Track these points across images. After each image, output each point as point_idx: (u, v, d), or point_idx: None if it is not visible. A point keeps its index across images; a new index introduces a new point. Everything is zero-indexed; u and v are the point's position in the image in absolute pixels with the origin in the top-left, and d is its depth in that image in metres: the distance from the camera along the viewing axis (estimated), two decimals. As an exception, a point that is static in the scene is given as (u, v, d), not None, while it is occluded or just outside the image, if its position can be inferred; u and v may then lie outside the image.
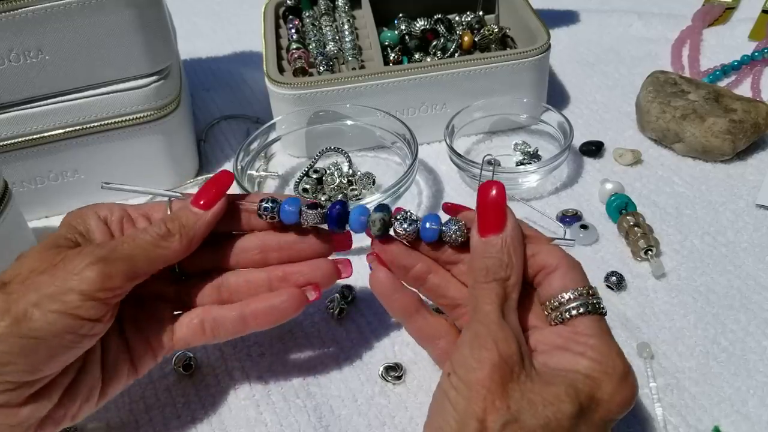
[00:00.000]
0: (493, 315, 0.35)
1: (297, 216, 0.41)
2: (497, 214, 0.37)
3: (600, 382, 0.34)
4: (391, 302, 0.40)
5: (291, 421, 0.45)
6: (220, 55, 0.82)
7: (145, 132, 0.59)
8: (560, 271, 0.37)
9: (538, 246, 0.38)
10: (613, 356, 0.35)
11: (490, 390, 0.33)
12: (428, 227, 0.39)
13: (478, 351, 0.34)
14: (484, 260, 0.37)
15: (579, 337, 0.35)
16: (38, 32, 0.51)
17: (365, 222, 0.40)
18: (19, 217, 0.53)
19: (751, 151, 0.62)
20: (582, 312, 0.36)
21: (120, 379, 0.41)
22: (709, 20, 0.79)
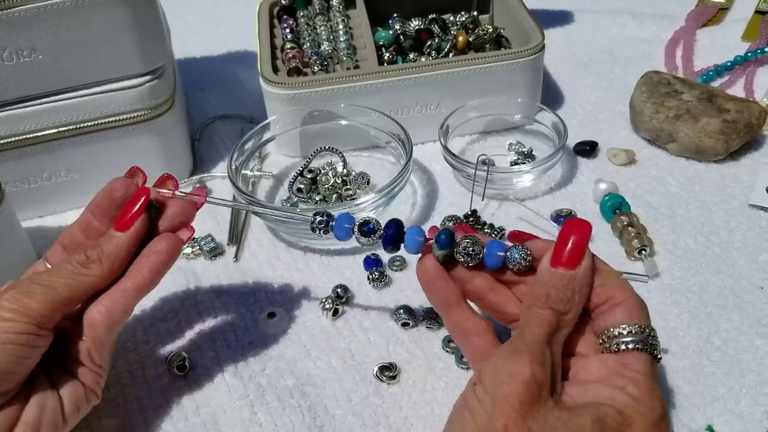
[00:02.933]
0: (538, 337, 0.34)
1: (350, 235, 0.41)
2: (576, 253, 0.37)
3: (632, 421, 0.33)
4: (434, 291, 0.39)
5: (285, 421, 0.45)
6: (214, 55, 0.82)
7: (139, 132, 0.59)
8: (626, 305, 0.36)
9: (609, 279, 0.37)
10: (653, 397, 0.34)
11: (515, 408, 0.32)
12: (494, 254, 0.39)
13: (511, 365, 0.33)
14: (547, 288, 0.36)
15: (626, 371, 0.34)
16: (31, 31, 0.51)
17: (419, 246, 0.40)
18: (12, 217, 0.52)
19: (744, 151, 0.62)
20: (637, 348, 0.35)
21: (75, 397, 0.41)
22: (702, 20, 0.79)
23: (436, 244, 0.39)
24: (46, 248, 0.58)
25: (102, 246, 0.41)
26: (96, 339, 0.41)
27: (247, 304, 0.52)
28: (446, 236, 0.39)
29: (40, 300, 0.38)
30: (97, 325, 0.40)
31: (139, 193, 0.42)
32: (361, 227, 0.41)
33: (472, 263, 0.39)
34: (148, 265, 0.41)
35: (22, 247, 0.54)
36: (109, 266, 0.41)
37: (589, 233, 0.37)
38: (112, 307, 0.41)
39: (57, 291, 0.39)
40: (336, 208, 0.54)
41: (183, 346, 0.50)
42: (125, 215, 0.41)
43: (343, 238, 0.42)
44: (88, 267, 0.40)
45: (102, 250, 0.41)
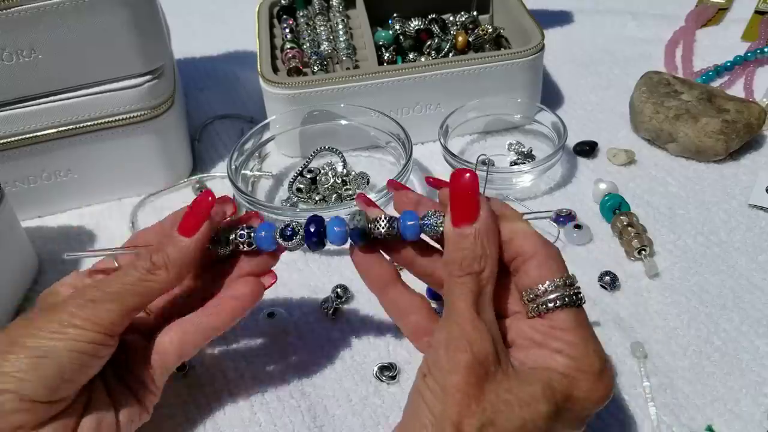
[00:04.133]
0: (467, 313, 0.34)
1: (273, 244, 0.41)
2: (470, 204, 0.36)
3: (576, 380, 0.34)
4: (368, 272, 0.39)
5: (285, 422, 0.45)
6: (214, 55, 0.82)
7: (138, 132, 0.59)
8: (537, 259, 0.35)
9: (514, 229, 0.36)
10: (590, 353, 0.34)
11: (466, 393, 0.32)
12: (409, 225, 0.38)
13: (453, 353, 0.33)
14: (457, 252, 0.35)
15: (556, 332, 0.35)
16: (31, 31, 0.51)
17: (343, 234, 0.39)
18: (11, 216, 0.52)
19: (743, 151, 0.62)
20: (559, 305, 0.35)
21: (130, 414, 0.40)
22: (702, 21, 0.79)
23: (352, 241, 0.39)
24: (46, 248, 0.58)
25: (167, 251, 0.40)
26: (163, 366, 0.41)
27: (246, 304, 0.52)
28: (358, 234, 0.39)
29: (110, 308, 0.37)
30: (167, 354, 0.40)
31: (204, 196, 0.41)
32: (282, 232, 0.41)
33: (390, 231, 0.38)
34: (229, 310, 0.41)
35: (21, 247, 0.54)
36: (176, 273, 0.40)
37: (476, 180, 0.36)
38: (185, 340, 0.41)
39: (125, 299, 0.38)
40: (336, 208, 0.54)
41: (183, 346, 0.50)
42: (189, 219, 0.40)
43: (267, 247, 0.41)
44: (154, 273, 0.39)
45: (167, 255, 0.40)
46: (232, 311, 0.41)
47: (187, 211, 0.41)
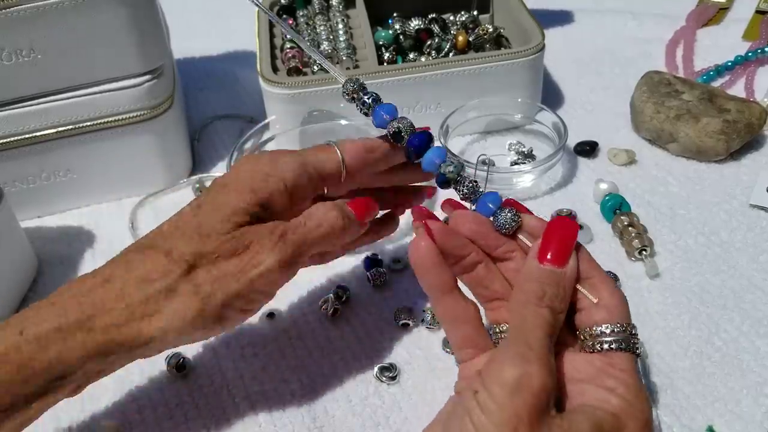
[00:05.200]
0: (544, 342, 0.34)
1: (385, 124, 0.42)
2: (565, 250, 0.36)
3: (625, 424, 0.33)
4: (428, 276, 0.37)
5: (285, 422, 0.45)
6: (213, 55, 0.82)
7: (138, 131, 0.59)
8: (608, 302, 0.36)
9: (592, 271, 0.37)
10: (642, 399, 0.34)
11: (523, 420, 0.31)
12: (486, 204, 0.39)
13: (521, 376, 0.32)
14: (541, 285, 0.35)
15: (613, 371, 0.34)
16: (30, 31, 0.51)
17: (435, 166, 0.40)
18: (11, 216, 0.52)
19: (744, 151, 0.62)
20: (615, 348, 0.35)
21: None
22: (703, 20, 0.79)
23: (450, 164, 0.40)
24: (46, 248, 0.58)
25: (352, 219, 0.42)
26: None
27: (246, 304, 0.52)
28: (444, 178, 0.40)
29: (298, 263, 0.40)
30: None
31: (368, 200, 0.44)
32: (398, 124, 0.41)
33: (465, 199, 0.40)
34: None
35: (21, 247, 0.54)
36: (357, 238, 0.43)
37: (576, 232, 0.37)
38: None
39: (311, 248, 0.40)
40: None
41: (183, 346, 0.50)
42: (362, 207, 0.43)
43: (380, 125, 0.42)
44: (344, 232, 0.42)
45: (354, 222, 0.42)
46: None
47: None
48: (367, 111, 0.42)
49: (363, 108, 0.42)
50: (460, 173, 0.40)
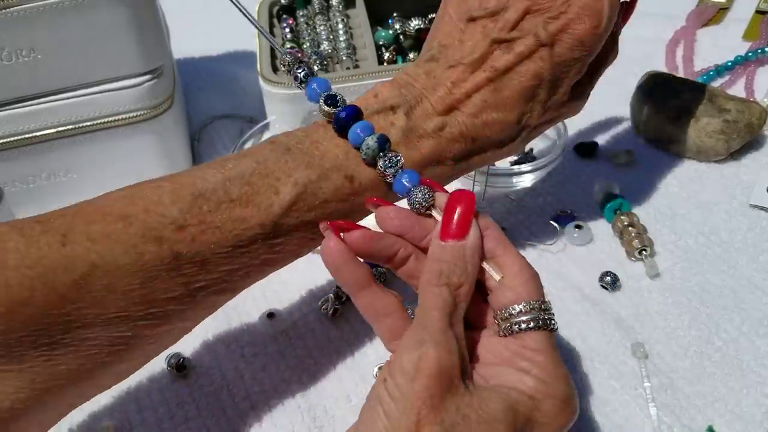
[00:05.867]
0: (438, 322, 0.34)
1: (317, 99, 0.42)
2: (463, 222, 0.36)
3: (541, 404, 0.33)
4: (342, 274, 0.38)
5: (285, 422, 0.45)
6: (213, 55, 0.82)
7: (138, 132, 0.59)
8: (516, 280, 0.36)
9: (496, 248, 0.37)
10: (559, 377, 0.34)
11: (426, 403, 0.31)
12: (402, 182, 0.39)
13: (418, 360, 0.32)
14: (438, 263, 0.36)
15: (526, 352, 0.34)
16: (30, 31, 0.51)
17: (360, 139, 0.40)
18: (10, 217, 0.52)
19: (744, 151, 0.62)
20: (532, 327, 0.35)
21: None
22: (703, 20, 0.79)
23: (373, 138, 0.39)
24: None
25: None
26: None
27: (246, 304, 0.52)
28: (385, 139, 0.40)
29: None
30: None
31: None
32: (327, 98, 0.41)
33: (384, 176, 0.39)
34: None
35: (21, 247, 0.54)
36: None
37: (473, 202, 0.37)
38: None
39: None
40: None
41: (182, 346, 0.50)
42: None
43: (311, 99, 0.42)
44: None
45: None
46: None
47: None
48: (299, 85, 0.42)
49: (296, 82, 0.42)
50: (384, 148, 0.40)
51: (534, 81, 0.42)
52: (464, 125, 0.42)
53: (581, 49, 0.42)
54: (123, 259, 0.35)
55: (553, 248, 0.55)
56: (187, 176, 0.39)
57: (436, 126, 0.41)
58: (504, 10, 0.42)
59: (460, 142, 0.42)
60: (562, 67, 0.42)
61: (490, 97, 0.42)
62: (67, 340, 0.35)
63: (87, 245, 0.35)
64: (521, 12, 0.41)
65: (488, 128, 0.42)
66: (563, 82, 0.43)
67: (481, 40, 0.42)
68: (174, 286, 0.37)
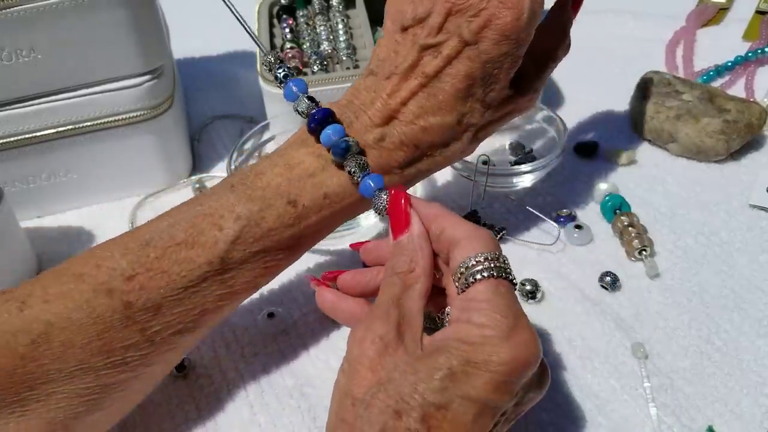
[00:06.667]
0: (381, 302, 0.36)
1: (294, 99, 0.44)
2: (402, 217, 0.38)
3: (478, 345, 0.33)
4: (340, 314, 0.42)
5: (285, 422, 0.45)
6: (213, 55, 0.82)
7: (138, 132, 0.59)
8: (464, 241, 0.36)
9: (442, 223, 0.38)
10: (497, 317, 0.33)
11: (365, 365, 0.34)
12: (369, 186, 0.41)
13: (355, 332, 0.35)
14: (390, 261, 0.38)
15: (470, 304, 0.34)
16: (30, 31, 0.51)
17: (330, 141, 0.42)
18: (11, 216, 0.52)
19: (744, 151, 0.62)
20: (486, 276, 0.35)
21: None
22: (703, 20, 0.79)
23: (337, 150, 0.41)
24: (46, 248, 0.58)
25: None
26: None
27: (246, 304, 0.52)
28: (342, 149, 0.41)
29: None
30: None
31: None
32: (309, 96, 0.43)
33: (351, 175, 0.41)
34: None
35: (21, 247, 0.54)
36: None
37: (402, 196, 0.39)
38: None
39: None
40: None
41: (182, 346, 0.50)
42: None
43: (289, 99, 0.44)
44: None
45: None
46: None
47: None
48: (279, 85, 0.44)
49: (276, 81, 0.44)
50: (351, 152, 0.41)
51: (466, 81, 0.42)
52: (403, 134, 0.43)
53: (507, 42, 0.41)
54: (76, 315, 0.37)
55: (553, 248, 0.55)
56: (139, 228, 0.41)
57: (376, 138, 0.43)
58: (429, 16, 0.42)
59: (402, 150, 0.43)
60: (492, 63, 0.42)
61: (425, 102, 0.43)
62: (34, 396, 0.37)
63: (43, 306, 0.37)
64: (444, 15, 0.42)
65: (428, 133, 0.43)
66: (498, 77, 0.43)
67: (411, 48, 0.43)
68: (130, 334, 0.38)
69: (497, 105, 0.45)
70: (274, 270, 0.43)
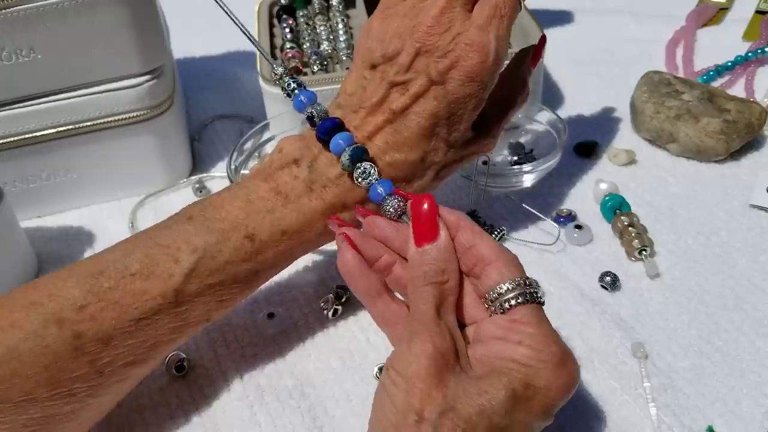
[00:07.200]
0: (429, 313, 0.36)
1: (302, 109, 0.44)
2: (430, 226, 0.38)
3: (537, 369, 0.34)
4: (357, 283, 0.40)
5: (285, 422, 0.45)
6: (213, 55, 0.82)
7: (138, 132, 0.59)
8: (498, 263, 0.37)
9: (474, 238, 0.38)
10: (550, 343, 0.35)
11: (427, 382, 0.33)
12: (377, 191, 0.41)
13: (414, 345, 0.34)
14: (421, 267, 0.38)
15: (517, 326, 0.36)
16: (31, 31, 0.51)
17: (341, 149, 0.42)
18: (11, 216, 0.52)
19: (744, 151, 0.62)
20: (521, 301, 0.36)
21: None
22: (703, 20, 0.79)
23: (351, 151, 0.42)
24: (45, 248, 0.58)
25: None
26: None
27: (246, 304, 0.52)
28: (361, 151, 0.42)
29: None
30: None
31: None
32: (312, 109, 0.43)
33: (362, 183, 0.42)
34: None
35: (21, 247, 0.54)
36: None
37: (434, 205, 0.38)
38: None
39: None
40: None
41: (182, 346, 0.50)
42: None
43: (298, 109, 0.44)
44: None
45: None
46: None
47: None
48: (289, 94, 0.44)
49: (285, 92, 0.44)
50: (361, 159, 0.42)
51: (431, 119, 0.43)
52: None
53: (472, 84, 0.43)
54: (24, 345, 0.37)
55: (553, 248, 0.55)
56: (95, 256, 0.41)
57: (339, 173, 0.43)
58: (398, 55, 0.43)
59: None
60: (457, 104, 0.43)
61: (390, 138, 0.43)
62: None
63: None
64: (413, 54, 0.43)
65: (392, 169, 0.44)
66: (462, 118, 0.44)
67: (379, 84, 0.44)
68: (79, 365, 0.38)
69: (460, 145, 0.46)
70: (228, 303, 0.43)
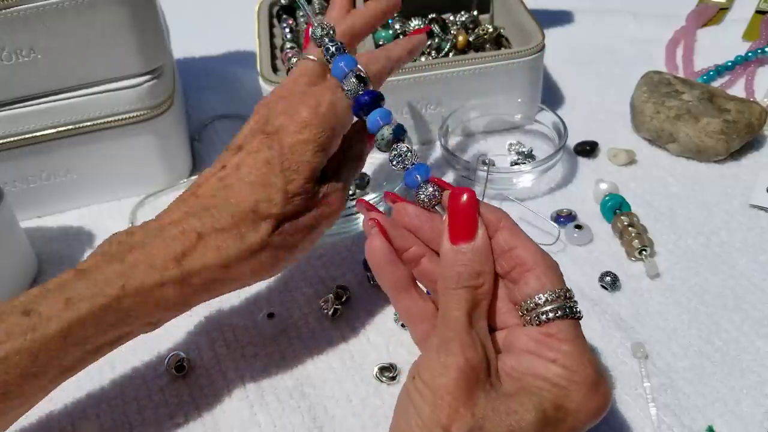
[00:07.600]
0: (461, 321, 0.35)
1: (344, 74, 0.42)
2: (469, 223, 0.36)
3: (569, 391, 0.33)
4: (383, 274, 0.38)
5: (285, 422, 0.45)
6: (213, 55, 0.82)
7: (138, 132, 0.59)
8: (537, 270, 0.35)
9: (513, 240, 0.36)
10: (584, 364, 0.34)
11: (456, 396, 0.32)
12: (413, 175, 0.39)
13: (444, 356, 0.33)
14: (454, 267, 0.36)
15: (552, 342, 0.34)
16: (31, 31, 0.51)
17: (378, 126, 0.40)
18: (11, 216, 0.52)
19: (744, 151, 0.62)
20: (559, 315, 0.35)
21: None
22: (703, 20, 0.79)
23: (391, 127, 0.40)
24: (46, 248, 0.58)
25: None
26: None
27: (246, 304, 0.52)
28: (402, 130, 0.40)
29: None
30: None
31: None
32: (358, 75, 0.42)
33: (394, 167, 0.40)
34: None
35: (21, 247, 0.54)
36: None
37: (474, 199, 0.36)
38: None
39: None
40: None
41: (182, 346, 0.50)
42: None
43: (336, 74, 0.42)
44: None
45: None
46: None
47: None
48: (329, 58, 0.43)
49: (326, 54, 0.43)
50: (399, 139, 0.40)
51: (264, 167, 0.41)
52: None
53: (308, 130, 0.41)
54: None
55: (553, 248, 0.55)
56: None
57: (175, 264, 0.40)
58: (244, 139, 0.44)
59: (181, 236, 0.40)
60: (293, 152, 0.41)
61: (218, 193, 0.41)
62: None
63: None
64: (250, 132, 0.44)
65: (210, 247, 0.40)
66: (300, 167, 0.41)
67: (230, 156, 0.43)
68: None
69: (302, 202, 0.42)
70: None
